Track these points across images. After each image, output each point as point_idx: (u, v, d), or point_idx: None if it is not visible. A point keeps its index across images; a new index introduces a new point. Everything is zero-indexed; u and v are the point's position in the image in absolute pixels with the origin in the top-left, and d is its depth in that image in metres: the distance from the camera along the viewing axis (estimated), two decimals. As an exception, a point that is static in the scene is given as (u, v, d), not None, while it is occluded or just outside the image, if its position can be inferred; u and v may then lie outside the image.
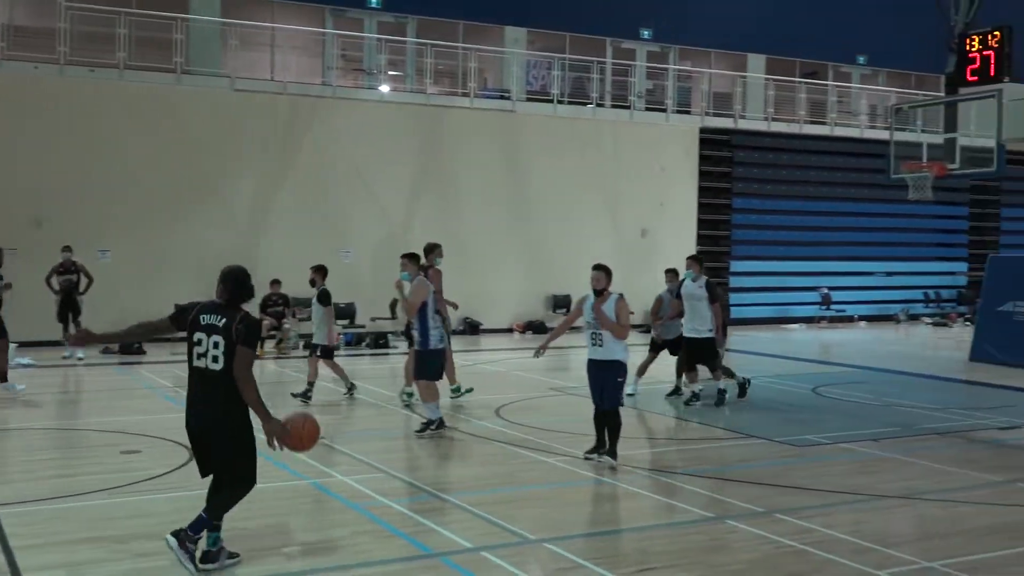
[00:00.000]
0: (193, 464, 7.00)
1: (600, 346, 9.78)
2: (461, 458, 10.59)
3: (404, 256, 12.62)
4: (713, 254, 27.85)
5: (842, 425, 12.73)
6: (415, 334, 11.86)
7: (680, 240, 27.15)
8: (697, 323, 13.55)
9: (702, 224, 27.74)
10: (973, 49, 18.65)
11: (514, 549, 7.24)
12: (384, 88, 24.44)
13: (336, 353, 14.82)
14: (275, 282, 20.42)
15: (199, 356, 6.54)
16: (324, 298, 14.34)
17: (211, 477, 6.79)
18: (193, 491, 7.78)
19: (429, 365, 11.54)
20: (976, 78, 18.73)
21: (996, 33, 18.36)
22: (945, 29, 20.42)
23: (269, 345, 19.84)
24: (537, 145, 25.20)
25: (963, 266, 32.21)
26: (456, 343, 21.99)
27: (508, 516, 8.02)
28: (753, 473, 9.73)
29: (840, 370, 17.09)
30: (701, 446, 10.87)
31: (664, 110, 27.44)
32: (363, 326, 21.92)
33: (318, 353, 14.24)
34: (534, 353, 10.31)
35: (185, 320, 6.62)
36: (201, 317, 6.57)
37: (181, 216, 21.63)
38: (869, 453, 10.75)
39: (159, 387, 15.18)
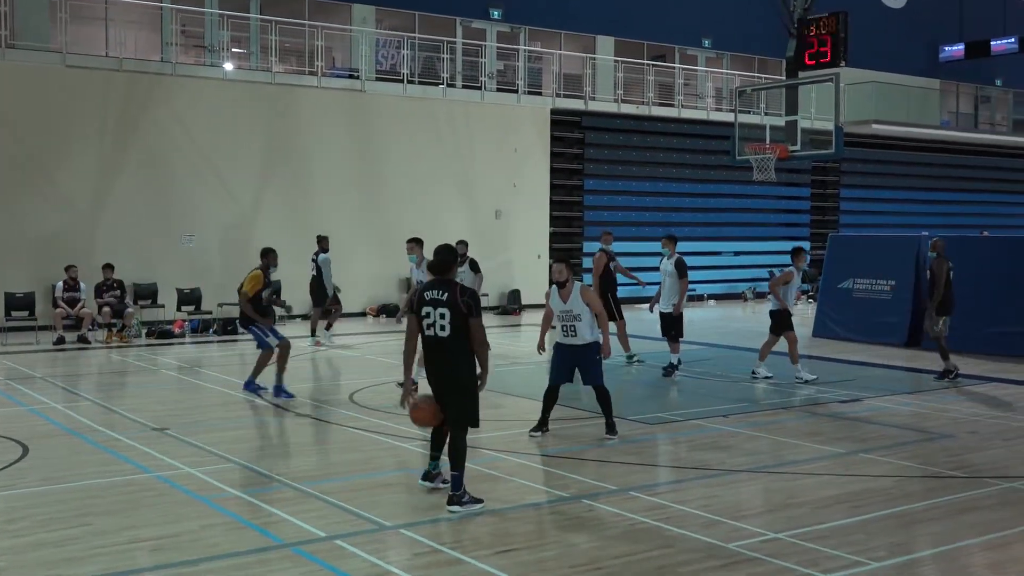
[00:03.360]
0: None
1: (574, 335, 10.31)
2: (314, 446, 10.43)
3: (411, 240, 13.51)
4: (565, 235, 28.22)
5: (693, 402, 13.09)
6: None
7: (534, 221, 27.41)
8: (669, 298, 14.95)
9: (555, 205, 28.05)
10: (811, 34, 19.35)
11: (370, 536, 7.18)
12: (228, 66, 23.78)
13: (179, 340, 14.43)
14: (108, 267, 19.71)
15: (428, 327, 7.71)
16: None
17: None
18: (21, 490, 7.42)
19: None
20: (814, 62, 19.44)
21: (832, 19, 19.09)
22: (785, 14, 21.13)
23: (105, 335, 19.12)
24: (389, 126, 24.98)
25: (806, 245, 33.49)
26: (306, 328, 21.69)
27: (363, 503, 7.94)
28: (607, 452, 9.90)
29: (690, 348, 17.55)
30: (557, 427, 11.00)
31: (515, 91, 27.59)
32: (210, 312, 21.38)
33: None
34: (538, 350, 10.89)
35: (411, 301, 7.91)
36: (426, 294, 7.78)
37: (11, 199, 20.60)
38: (719, 428, 11.08)
39: (-12, 381, 14.44)
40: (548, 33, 30.05)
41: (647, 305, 15.94)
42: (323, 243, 19.39)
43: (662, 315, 15.15)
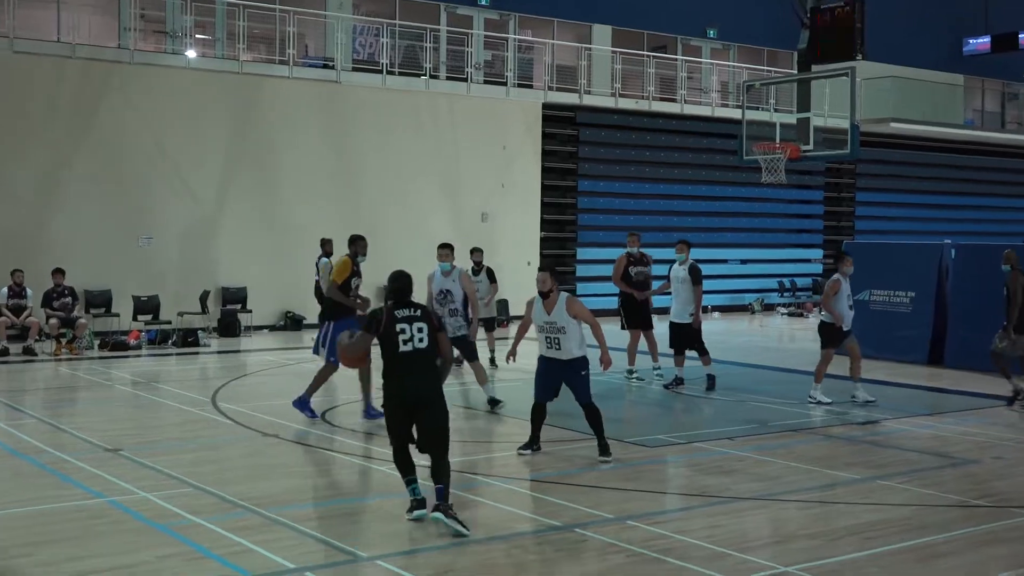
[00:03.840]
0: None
1: (558, 348, 10.39)
2: (282, 468, 10.39)
3: (443, 246, 13.67)
4: (558, 240, 28.26)
5: (696, 423, 13.10)
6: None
7: (523, 225, 27.43)
8: (683, 306, 15.09)
9: (546, 208, 28.09)
10: (825, 25, 19.42)
11: (343, 568, 7.15)
12: (191, 54, 23.74)
13: (135, 352, 14.39)
14: (58, 271, 19.61)
15: (405, 342, 8.23)
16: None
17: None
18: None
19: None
20: (828, 55, 19.52)
21: (848, 8, 19.16)
22: (797, 3, 21.19)
23: (54, 346, 19.03)
24: (366, 120, 24.98)
25: (818, 253, 33.64)
26: (275, 339, 21.65)
27: (336, 532, 7.91)
28: (603, 477, 9.88)
29: (693, 364, 17.56)
30: (547, 449, 10.98)
31: (504, 83, 27.62)
32: (169, 322, 21.31)
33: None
34: (507, 359, 11.15)
35: (378, 323, 8.31)
36: (397, 313, 8.32)
37: (-49, 197, 20.54)
38: (724, 452, 11.08)
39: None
40: (540, 21, 30.11)
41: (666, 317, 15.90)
42: (326, 247, 19.37)
43: (674, 326, 15.27)
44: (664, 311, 16.01)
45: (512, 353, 11.09)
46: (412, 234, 24.58)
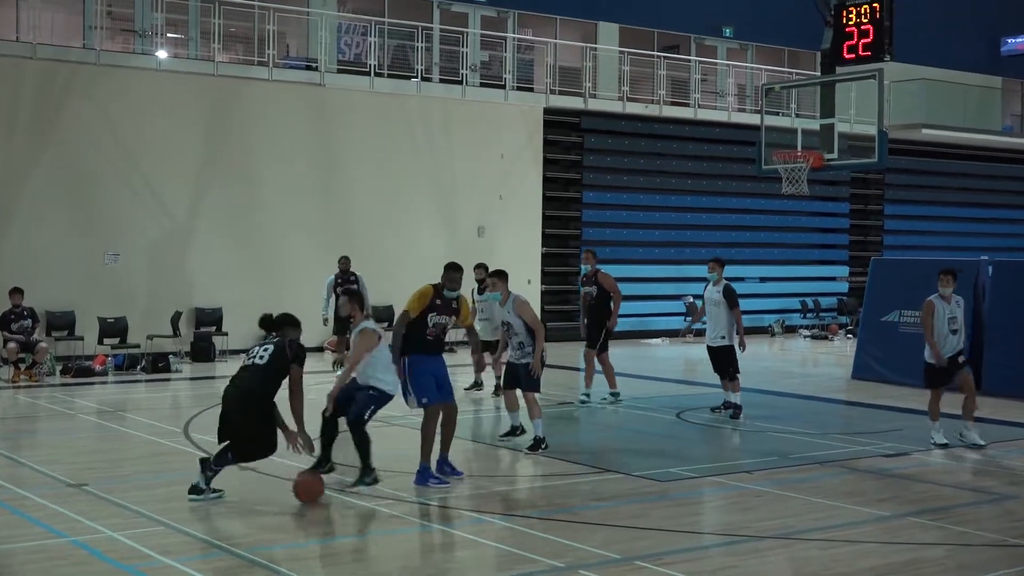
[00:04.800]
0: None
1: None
2: (262, 505, 10.38)
3: (492, 274, 12.86)
4: (560, 256, 28.30)
5: (711, 455, 13.10)
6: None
7: (523, 240, 27.46)
8: (717, 330, 15.48)
9: (548, 221, 28.14)
10: (851, 23, 19.48)
11: (327, 614, 7.15)
12: (162, 54, 23.83)
13: (101, 379, 14.39)
14: (16, 291, 19.61)
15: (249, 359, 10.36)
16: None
17: None
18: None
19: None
20: (854, 56, 19.57)
21: (875, 5, 19.22)
22: (820, -1, 21.26)
23: (12, 372, 19.04)
24: (353, 126, 25.05)
25: (844, 270, 33.69)
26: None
27: (322, 573, 7.91)
28: (609, 514, 9.89)
29: (708, 391, 17.57)
30: (549, 483, 10.99)
31: (502, 86, 27.71)
32: (138, 345, 21.32)
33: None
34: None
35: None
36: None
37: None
38: (741, 487, 11.09)
39: None
40: (541, 18, 30.24)
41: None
42: (341, 263, 19.92)
43: (712, 350, 15.66)
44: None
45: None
46: (403, 250, 24.64)
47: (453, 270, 11.35)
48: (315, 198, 24.64)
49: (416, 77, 26.39)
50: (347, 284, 19.73)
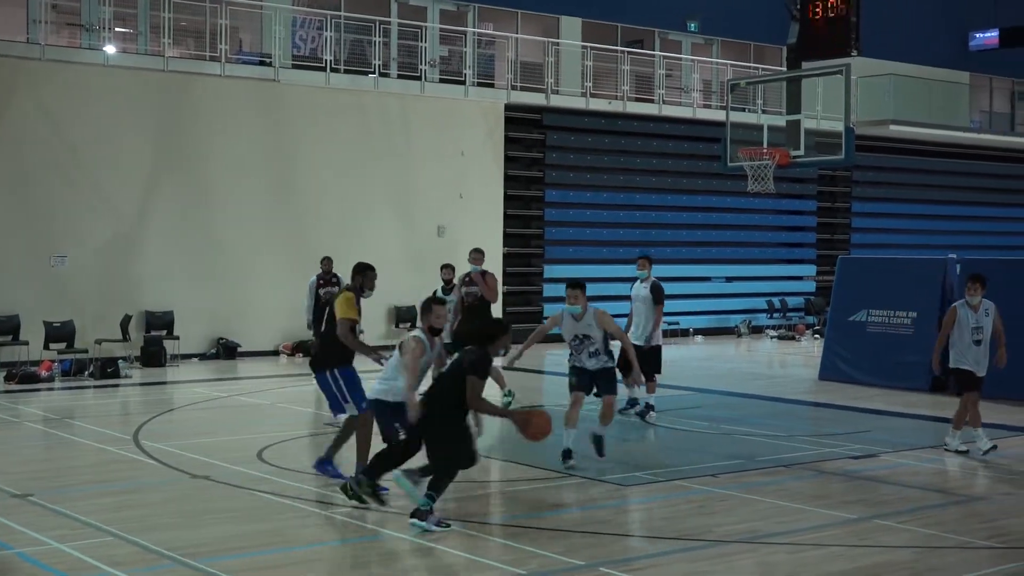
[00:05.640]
0: None
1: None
2: (215, 514, 10.35)
3: (574, 286, 12.44)
4: (522, 256, 28.32)
5: (675, 459, 13.16)
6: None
7: (484, 239, 27.16)
8: (645, 329, 15.48)
9: (509, 220, 28.15)
10: (817, 17, 19.60)
11: (282, 625, 7.14)
12: (110, 49, 23.66)
13: (47, 385, 14.29)
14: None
15: None
16: None
17: None
18: None
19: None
20: (821, 51, 19.70)
21: (843, -1, 19.34)
22: (786, -8, 21.38)
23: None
24: (308, 123, 24.97)
25: (811, 269, 33.88)
26: (206, 369, 21.58)
27: (274, 584, 7.90)
28: (573, 519, 9.92)
29: (672, 393, 17.66)
30: (512, 488, 11.00)
31: (463, 82, 27.71)
32: (85, 350, 21.16)
33: None
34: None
35: None
36: None
37: None
38: (706, 491, 11.15)
39: None
40: (502, 12, 30.24)
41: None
42: (324, 264, 19.71)
43: (640, 350, 15.19)
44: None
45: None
46: (360, 250, 24.38)
47: (370, 270, 11.66)
48: (269, 197, 24.53)
49: (374, 73, 26.34)
50: (329, 286, 19.74)
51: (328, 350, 11.32)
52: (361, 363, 11.14)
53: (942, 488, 11.47)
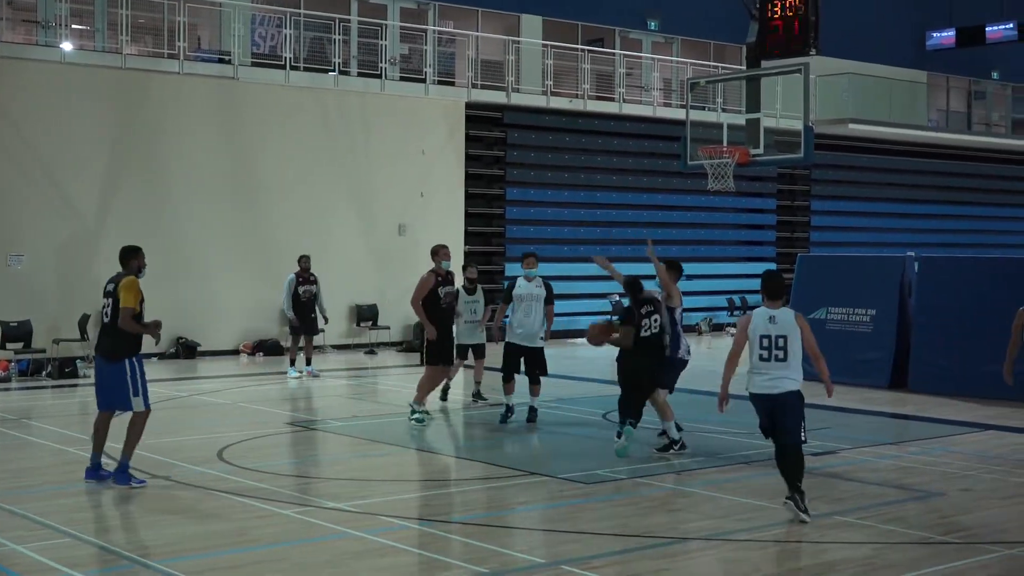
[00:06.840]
0: None
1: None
2: (176, 514, 10.28)
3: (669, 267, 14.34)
4: (484, 255, 28.31)
5: (637, 456, 13.18)
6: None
7: (445, 238, 27.12)
8: (534, 328, 14.96)
9: (471, 219, 28.14)
10: (776, 16, 19.69)
11: (243, 625, 7.10)
12: (66, 46, 23.46)
13: (4, 385, 14.15)
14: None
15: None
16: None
17: None
18: None
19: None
20: (779, 50, 19.80)
21: (801, -2, 19.45)
22: (745, -9, 21.47)
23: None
24: (267, 122, 24.86)
25: (771, 267, 34.01)
26: (166, 369, 21.46)
27: (235, 584, 7.86)
28: (534, 517, 9.92)
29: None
30: (472, 487, 10.98)
31: (423, 80, 27.67)
32: (43, 350, 20.98)
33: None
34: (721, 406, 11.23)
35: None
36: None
37: None
38: (669, 488, 11.20)
39: None
40: (462, 11, 30.23)
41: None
42: (302, 262, 20.43)
43: (525, 350, 15.01)
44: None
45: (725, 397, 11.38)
46: (321, 249, 24.45)
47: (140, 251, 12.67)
48: (229, 195, 24.41)
49: (333, 71, 26.26)
50: (307, 284, 20.00)
51: (119, 341, 11.37)
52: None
53: (901, 484, 11.56)
